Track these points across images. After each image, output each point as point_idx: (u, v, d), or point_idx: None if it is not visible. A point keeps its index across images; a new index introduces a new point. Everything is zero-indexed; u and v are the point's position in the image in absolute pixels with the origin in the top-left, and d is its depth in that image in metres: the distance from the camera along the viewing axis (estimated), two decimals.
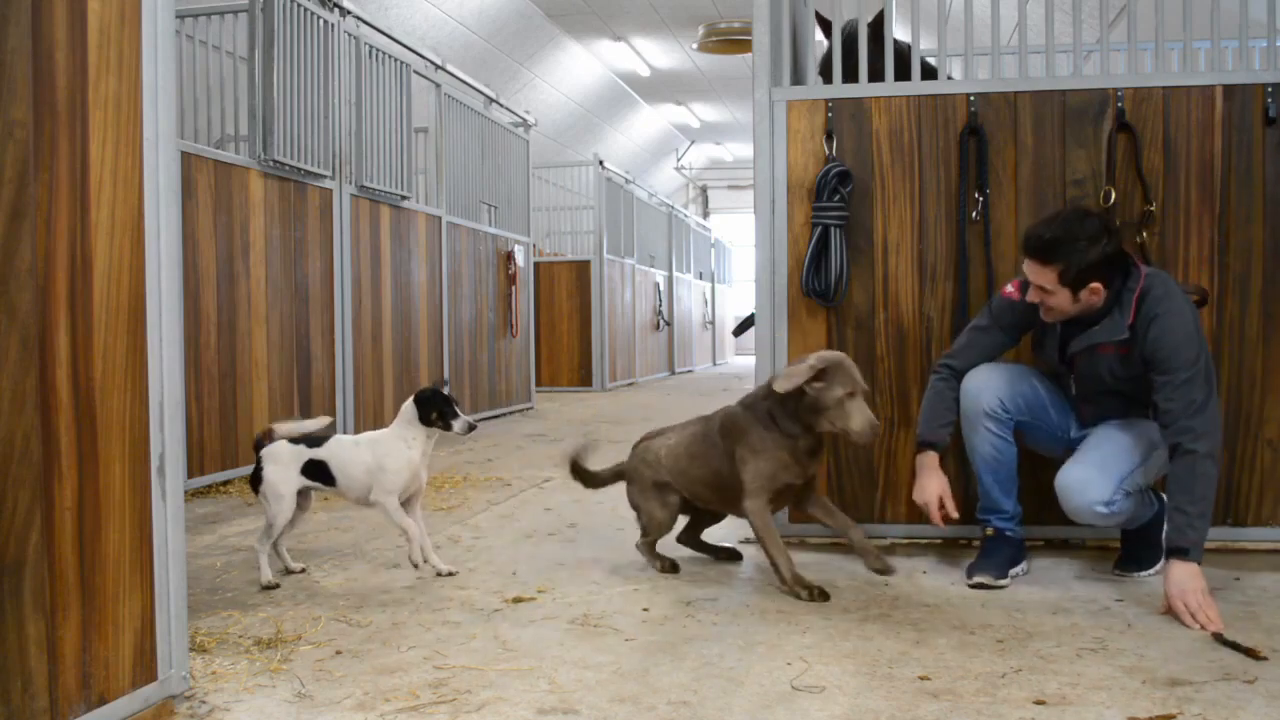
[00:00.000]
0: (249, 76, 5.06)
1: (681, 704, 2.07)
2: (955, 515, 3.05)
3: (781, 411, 2.94)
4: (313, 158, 5.38)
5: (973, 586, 2.96)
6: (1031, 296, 2.91)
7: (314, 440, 3.13)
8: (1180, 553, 2.65)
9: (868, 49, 3.52)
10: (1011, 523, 3.08)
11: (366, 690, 2.16)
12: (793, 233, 3.52)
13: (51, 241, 1.74)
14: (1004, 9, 3.53)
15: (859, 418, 2.84)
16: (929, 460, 3.09)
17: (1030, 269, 2.84)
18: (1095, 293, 2.80)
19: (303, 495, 3.15)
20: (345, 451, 3.09)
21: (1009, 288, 3.07)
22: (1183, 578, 2.62)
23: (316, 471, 3.08)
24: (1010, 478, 3.08)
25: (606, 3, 12.42)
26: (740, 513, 3.06)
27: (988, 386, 3.06)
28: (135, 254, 1.93)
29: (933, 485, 3.05)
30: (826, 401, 2.86)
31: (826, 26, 3.85)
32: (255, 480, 3.09)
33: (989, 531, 3.10)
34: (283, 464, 3.06)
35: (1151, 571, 3.03)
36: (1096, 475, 2.85)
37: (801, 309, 3.52)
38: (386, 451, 3.04)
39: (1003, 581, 2.97)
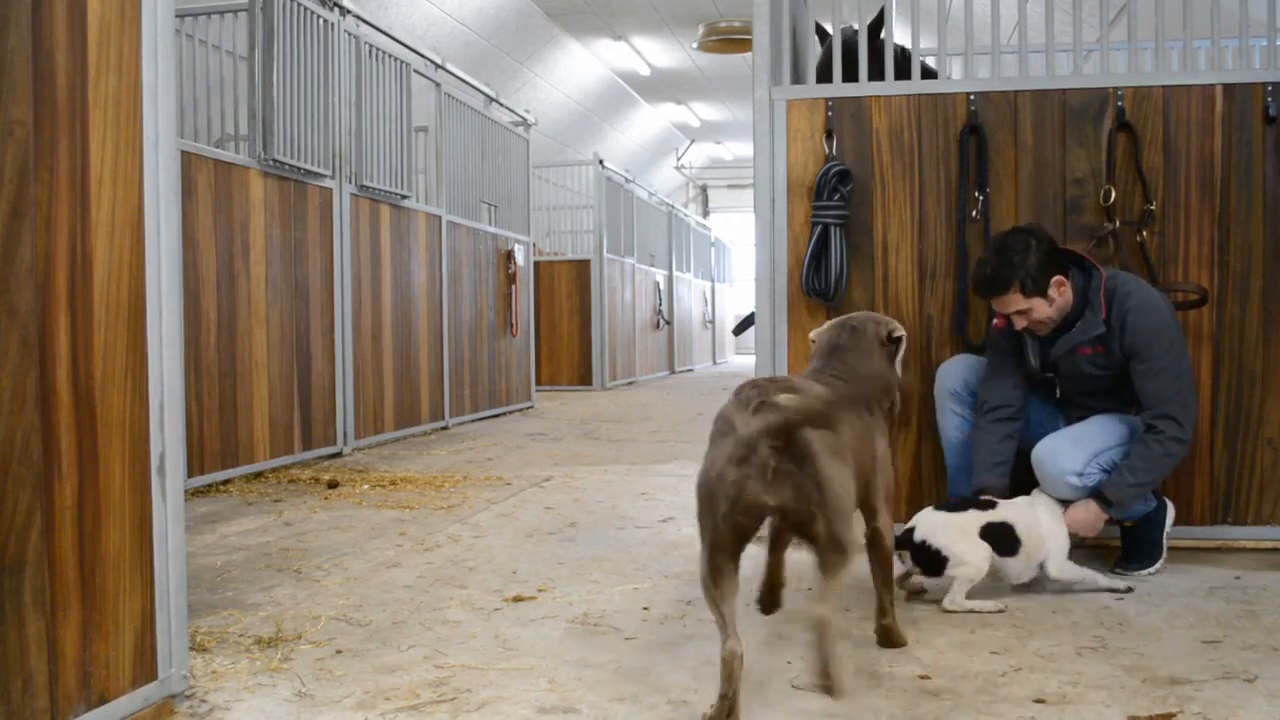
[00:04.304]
0: (249, 76, 5.06)
1: (681, 703, 2.07)
2: None
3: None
4: (313, 157, 5.38)
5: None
6: (1019, 325, 2.99)
7: (971, 502, 2.83)
8: (1104, 501, 2.85)
9: (866, 54, 3.52)
10: None
11: (367, 689, 2.16)
12: (793, 232, 3.51)
13: (51, 240, 1.74)
14: (1004, 8, 3.53)
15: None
16: None
17: (998, 305, 2.97)
18: (1061, 285, 2.92)
19: None
20: (1028, 516, 2.79)
21: (995, 320, 3.10)
22: (1089, 516, 2.85)
23: (996, 537, 2.73)
24: None
25: (606, 2, 12.41)
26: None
27: (955, 371, 3.17)
28: (135, 253, 1.93)
29: None
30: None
31: (821, 35, 3.87)
32: (932, 565, 2.70)
33: None
34: (961, 533, 2.71)
35: (1152, 570, 3.04)
36: (1069, 446, 2.91)
37: (801, 308, 3.52)
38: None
39: None
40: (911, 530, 2.76)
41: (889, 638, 2.42)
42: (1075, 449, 2.90)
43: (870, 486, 2.33)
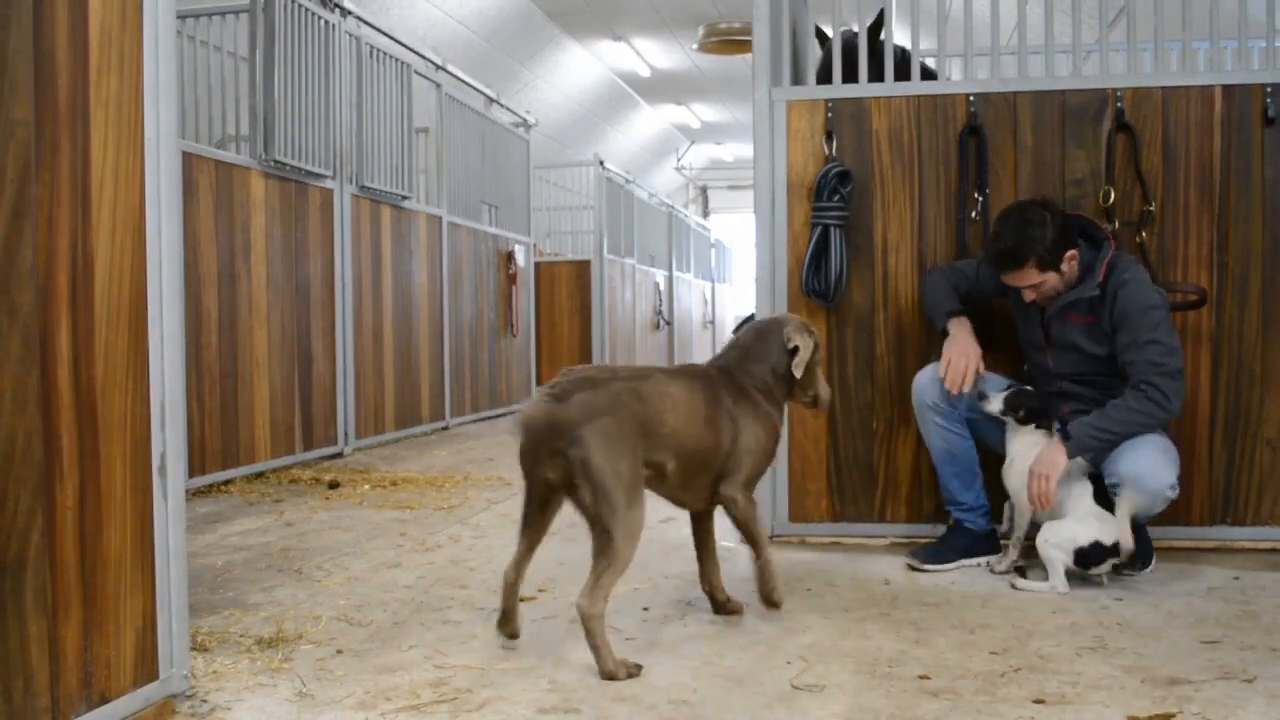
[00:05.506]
0: (250, 77, 5.07)
1: (682, 703, 2.08)
2: (969, 386, 3.05)
3: (776, 383, 2.65)
4: (314, 158, 5.38)
5: (908, 566, 3.13)
6: (1027, 298, 3.03)
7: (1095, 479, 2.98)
8: (1065, 437, 2.89)
9: (866, 55, 3.52)
10: (971, 514, 3.19)
11: (367, 689, 2.16)
12: (793, 232, 3.52)
13: (53, 241, 1.75)
14: (1003, 9, 3.53)
15: (826, 385, 2.75)
16: (964, 325, 3.13)
17: (1011, 279, 3.00)
18: (1072, 259, 2.98)
19: None
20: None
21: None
22: (1052, 457, 2.86)
23: None
24: (968, 470, 3.18)
25: (606, 3, 12.41)
26: (702, 504, 2.63)
27: (932, 382, 3.17)
28: (136, 253, 1.93)
29: (973, 350, 3.05)
30: (814, 369, 2.69)
31: (821, 39, 3.88)
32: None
33: (949, 522, 3.23)
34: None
35: (1151, 569, 3.04)
36: (1162, 460, 2.89)
37: (801, 309, 3.52)
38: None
39: (935, 567, 3.10)
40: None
41: (766, 597, 2.63)
42: (1167, 461, 2.88)
43: (730, 461, 2.55)
